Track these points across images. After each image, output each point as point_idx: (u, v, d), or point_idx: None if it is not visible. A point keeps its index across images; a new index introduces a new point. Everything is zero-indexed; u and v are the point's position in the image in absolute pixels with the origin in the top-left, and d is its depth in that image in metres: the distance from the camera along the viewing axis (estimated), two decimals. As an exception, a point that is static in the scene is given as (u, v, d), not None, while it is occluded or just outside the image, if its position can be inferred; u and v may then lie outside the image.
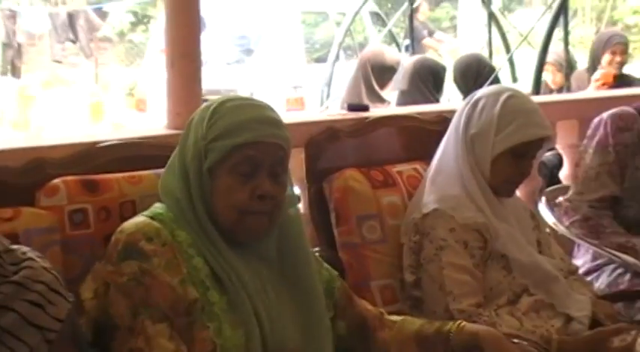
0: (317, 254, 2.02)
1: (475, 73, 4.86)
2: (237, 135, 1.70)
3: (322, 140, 2.37)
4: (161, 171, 1.86)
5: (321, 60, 8.81)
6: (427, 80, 4.79)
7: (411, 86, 4.77)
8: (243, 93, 8.66)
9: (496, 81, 5.06)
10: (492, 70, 5.02)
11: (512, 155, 2.24)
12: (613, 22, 14.17)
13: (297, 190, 2.22)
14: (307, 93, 8.65)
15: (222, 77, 8.45)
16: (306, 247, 1.86)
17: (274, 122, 1.75)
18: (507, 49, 7.21)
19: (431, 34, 11.58)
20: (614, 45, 5.33)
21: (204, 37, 2.70)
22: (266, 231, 1.76)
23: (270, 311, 1.73)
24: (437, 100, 4.80)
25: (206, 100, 1.88)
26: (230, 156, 1.71)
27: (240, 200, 1.71)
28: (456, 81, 4.97)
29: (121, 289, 1.65)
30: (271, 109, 1.78)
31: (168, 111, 2.47)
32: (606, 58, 5.31)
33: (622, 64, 5.27)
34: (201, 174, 1.72)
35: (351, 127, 2.47)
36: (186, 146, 1.76)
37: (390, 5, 13.48)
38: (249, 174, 1.71)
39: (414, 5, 8.68)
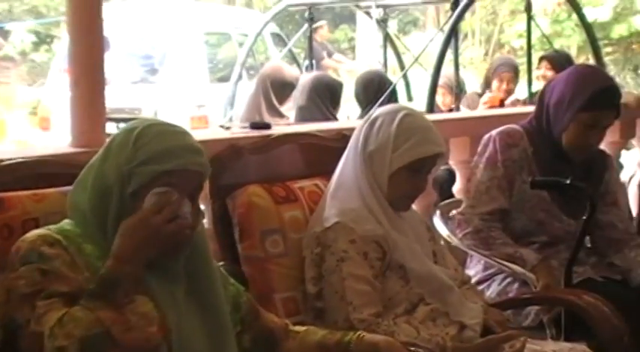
0: (221, 268, 2.01)
1: (376, 88, 4.94)
2: (164, 162, 1.71)
3: (225, 157, 2.37)
4: (66, 189, 1.82)
5: (224, 79, 8.76)
6: (324, 96, 4.84)
7: (309, 102, 4.81)
8: (148, 111, 8.57)
9: (395, 96, 5.14)
10: (392, 86, 5.11)
11: (409, 171, 2.28)
12: (500, 45, 14.58)
13: (201, 206, 2.21)
14: (211, 112, 8.61)
15: (126, 96, 8.33)
16: (211, 262, 1.86)
17: (198, 150, 1.76)
18: (402, 70, 7.33)
19: (330, 54, 11.69)
20: (501, 73, 5.51)
21: (108, 57, 2.66)
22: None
23: (178, 325, 1.72)
24: (334, 116, 4.84)
25: (110, 119, 1.86)
26: (155, 181, 1.70)
27: None
28: (357, 95, 5.03)
29: (21, 292, 1.62)
30: (192, 136, 1.80)
31: (73, 130, 2.43)
32: (495, 83, 5.49)
33: (508, 90, 5.45)
34: (124, 197, 1.71)
35: (254, 145, 2.47)
36: (105, 167, 1.74)
37: (290, 27, 13.54)
38: None
39: (314, 26, 8.74)
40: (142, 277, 1.67)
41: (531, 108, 3.04)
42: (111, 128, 2.46)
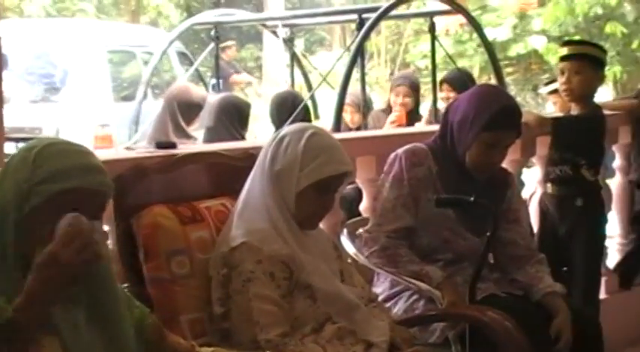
0: (126, 291, 1.98)
1: (290, 108, 4.96)
2: (64, 181, 1.68)
3: (130, 177, 2.34)
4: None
5: (128, 98, 8.66)
6: (232, 117, 4.83)
7: (217, 123, 4.79)
8: (49, 131, 8.39)
9: (308, 115, 5.17)
10: (306, 106, 5.13)
11: (316, 189, 2.29)
12: (406, 65, 14.82)
13: (105, 227, 2.17)
14: (115, 132, 8.48)
15: (26, 115, 8.14)
16: (115, 285, 1.82)
17: (100, 169, 1.74)
18: (309, 89, 7.38)
19: (237, 73, 11.69)
20: (397, 87, 5.57)
21: (6, 75, 2.60)
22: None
23: (80, 349, 1.68)
24: (242, 136, 4.83)
25: (9, 139, 1.82)
26: (54, 200, 1.67)
27: None
28: (272, 115, 5.04)
29: None
30: (94, 155, 1.77)
31: (-31, 150, 2.35)
32: (392, 98, 5.55)
33: (404, 104, 5.48)
34: (21, 216, 1.67)
35: (159, 164, 2.44)
36: (2, 186, 1.70)
37: (197, 45, 13.48)
38: None
39: (222, 46, 8.71)
40: (49, 314, 1.63)
41: (436, 127, 3.10)
42: (10, 148, 2.41)
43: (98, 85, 9.29)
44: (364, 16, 5.79)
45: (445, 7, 6.71)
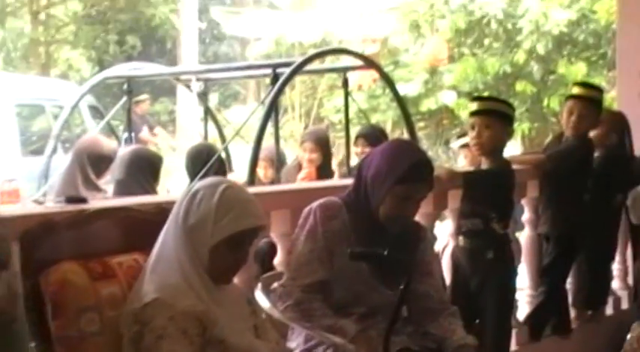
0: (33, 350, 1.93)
1: (206, 160, 4.94)
2: None
3: (38, 232, 2.29)
4: None
5: (37, 152, 8.50)
6: (144, 170, 4.78)
7: (128, 175, 4.74)
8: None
9: (224, 168, 5.16)
10: (221, 158, 5.12)
11: (230, 244, 2.28)
12: (320, 119, 14.97)
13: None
14: (23, 186, 8.29)
15: None
16: (26, 345, 1.77)
17: None
18: (223, 142, 7.38)
19: (151, 127, 11.61)
20: (303, 143, 5.63)
21: None
22: None
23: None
24: (154, 190, 4.79)
25: None
26: None
27: None
28: (187, 167, 5.02)
29: None
30: None
31: None
32: (300, 154, 5.59)
33: (312, 160, 5.52)
34: None
35: (69, 219, 2.40)
36: None
37: (109, 99, 13.36)
38: None
39: (136, 100, 8.65)
40: None
41: (350, 181, 3.13)
42: None
43: (6, 138, 9.10)
44: (278, 70, 5.84)
45: (358, 62, 6.84)
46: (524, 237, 4.62)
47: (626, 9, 5.95)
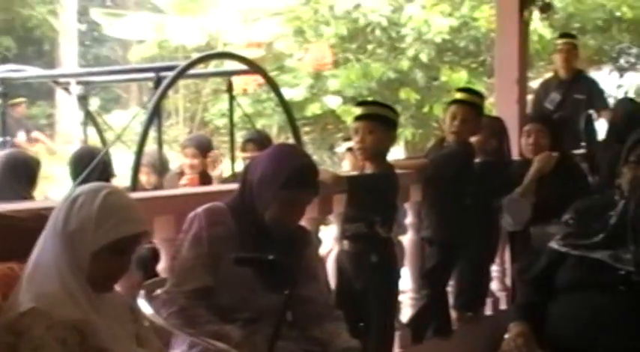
0: None
1: (87, 164, 4.84)
2: None
3: None
4: None
5: None
6: (19, 174, 4.65)
7: (1, 180, 4.59)
8: None
9: (107, 173, 5.05)
10: (106, 162, 5.02)
11: (112, 250, 2.25)
12: (204, 124, 14.87)
13: None
14: None
15: None
16: None
17: None
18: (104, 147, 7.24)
19: (28, 131, 11.27)
20: (184, 149, 5.58)
21: None
22: None
23: None
24: (30, 196, 4.65)
25: None
26: None
27: None
28: (71, 173, 4.89)
29: None
30: None
31: None
32: (183, 160, 5.54)
33: (194, 166, 5.48)
34: None
35: (-60, 227, 2.31)
36: None
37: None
38: None
39: (12, 103, 8.38)
40: None
41: (235, 186, 3.13)
42: None
43: None
44: (161, 74, 5.77)
45: (243, 67, 6.83)
46: (407, 240, 4.70)
47: (503, 18, 6.15)
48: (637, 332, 2.77)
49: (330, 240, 4.59)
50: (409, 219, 4.72)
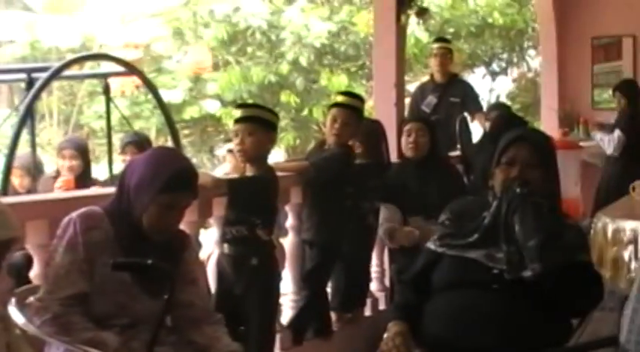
0: None
1: None
2: None
3: None
4: None
5: None
6: None
7: None
8: None
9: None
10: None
11: (-20, 257, 2.17)
12: (80, 126, 14.53)
13: None
14: None
15: None
16: None
17: None
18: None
19: None
20: (61, 150, 5.44)
21: None
22: None
23: None
24: None
25: None
26: None
27: None
28: None
29: None
30: None
31: None
32: (59, 162, 5.39)
33: (72, 168, 5.35)
34: None
35: None
36: None
37: None
38: None
39: None
40: None
41: (112, 190, 3.07)
42: None
43: None
44: (34, 75, 5.62)
45: (120, 68, 6.71)
46: (288, 242, 4.72)
47: (380, 22, 6.25)
48: (509, 328, 2.86)
49: (210, 244, 4.55)
50: (290, 222, 4.75)
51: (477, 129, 7.20)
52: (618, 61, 9.14)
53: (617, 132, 7.27)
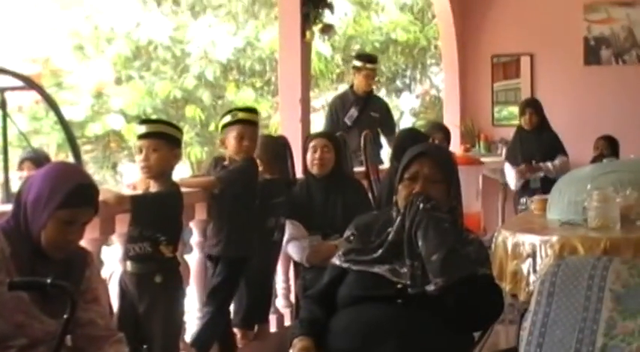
0: None
1: None
2: None
3: None
4: None
5: None
6: None
7: None
8: None
9: None
10: None
11: None
12: (-24, 142, 14.12)
13: None
14: None
15: None
16: None
17: None
18: None
19: None
20: None
21: None
22: None
23: None
24: None
25: None
26: None
27: None
28: None
29: None
30: None
31: None
32: None
33: None
34: None
35: None
36: None
37: None
38: None
39: None
40: None
41: (9, 207, 2.99)
42: None
43: None
44: None
45: (18, 82, 6.55)
46: (193, 259, 4.68)
47: (285, 39, 6.27)
48: (412, 342, 2.89)
49: (112, 261, 4.47)
50: (195, 238, 4.71)
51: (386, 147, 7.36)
52: (517, 78, 9.40)
53: (560, 158, 7.30)
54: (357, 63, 7.52)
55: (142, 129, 3.97)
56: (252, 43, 13.55)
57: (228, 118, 4.65)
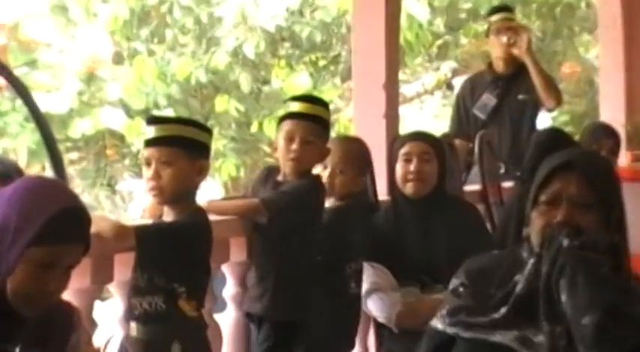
0: None
1: None
2: None
3: None
4: None
5: None
6: None
7: None
8: None
9: None
10: None
11: None
12: None
13: None
14: None
15: None
16: None
17: None
18: None
19: None
20: None
21: None
22: None
23: None
24: None
25: None
26: None
27: None
28: None
29: None
30: None
31: None
32: None
33: None
34: None
35: None
36: None
37: None
38: None
39: None
40: None
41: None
42: None
43: None
44: None
45: (-25, 61, 6.69)
46: (226, 319, 4.71)
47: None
48: None
49: (110, 322, 4.54)
50: (229, 289, 4.74)
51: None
52: None
53: None
54: (494, 17, 7.40)
55: (151, 131, 3.98)
56: (312, 2, 13.57)
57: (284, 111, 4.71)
